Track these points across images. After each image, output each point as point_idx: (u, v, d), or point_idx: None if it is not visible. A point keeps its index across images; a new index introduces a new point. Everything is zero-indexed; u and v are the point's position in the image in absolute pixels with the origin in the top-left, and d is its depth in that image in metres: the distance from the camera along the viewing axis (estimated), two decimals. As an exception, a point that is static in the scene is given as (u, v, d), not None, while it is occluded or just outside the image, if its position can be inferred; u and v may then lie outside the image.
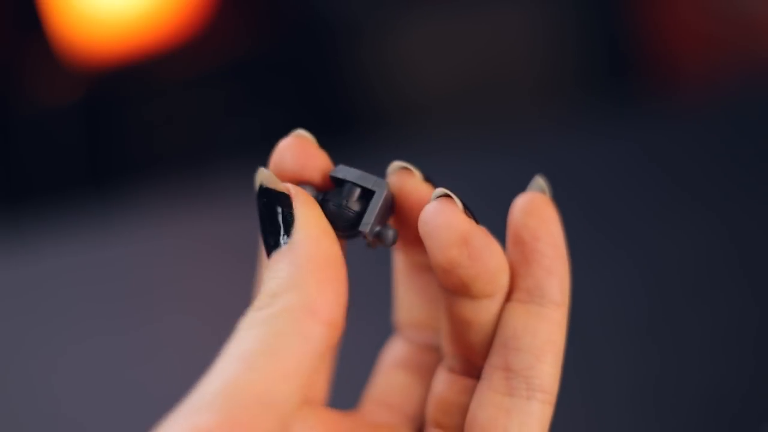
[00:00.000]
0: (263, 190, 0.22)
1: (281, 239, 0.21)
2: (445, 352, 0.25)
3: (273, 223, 0.22)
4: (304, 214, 0.22)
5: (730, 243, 0.54)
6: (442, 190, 0.23)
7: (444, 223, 0.22)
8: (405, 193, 0.24)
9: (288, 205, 0.22)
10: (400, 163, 0.24)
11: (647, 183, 0.59)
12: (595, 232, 0.56)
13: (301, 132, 0.24)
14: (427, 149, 0.66)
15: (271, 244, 0.22)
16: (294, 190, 0.22)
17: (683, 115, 0.68)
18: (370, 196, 0.23)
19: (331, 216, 0.23)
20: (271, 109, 1.03)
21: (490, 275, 0.23)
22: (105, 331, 0.54)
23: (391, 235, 0.23)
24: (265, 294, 0.21)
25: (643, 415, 0.47)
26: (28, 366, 0.53)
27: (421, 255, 0.25)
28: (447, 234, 0.22)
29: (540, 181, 0.24)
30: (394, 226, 0.24)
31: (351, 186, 0.23)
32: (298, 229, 0.21)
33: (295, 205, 0.22)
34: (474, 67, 1.06)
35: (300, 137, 0.24)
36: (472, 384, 0.24)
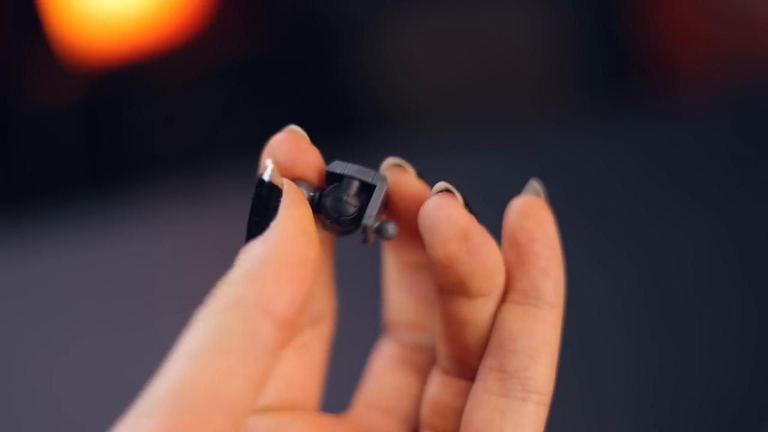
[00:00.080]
0: (261, 180, 0.22)
1: (261, 230, 0.21)
2: (440, 353, 0.25)
3: (258, 214, 0.22)
4: (289, 211, 0.21)
5: (730, 243, 0.54)
6: (443, 184, 0.23)
7: (444, 217, 0.22)
8: (398, 189, 0.24)
9: (276, 199, 0.22)
10: (393, 159, 0.24)
11: (647, 183, 0.59)
12: (595, 232, 0.56)
13: (294, 128, 0.24)
14: (427, 149, 0.66)
15: (250, 233, 0.22)
16: (287, 186, 0.22)
17: (683, 115, 0.68)
18: (369, 190, 0.23)
19: (332, 211, 0.23)
20: (271, 109, 1.03)
21: (487, 272, 0.23)
22: (105, 331, 0.54)
23: (392, 228, 0.23)
24: (224, 281, 0.21)
25: (643, 415, 0.47)
26: (29, 366, 0.53)
27: (413, 253, 0.25)
28: (447, 228, 0.22)
29: (535, 184, 0.24)
30: None
31: (349, 180, 0.23)
32: (276, 224, 0.21)
33: (283, 201, 0.21)
34: (474, 67, 1.06)
35: (292, 133, 0.23)
36: (467, 386, 0.24)
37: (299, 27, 1.07)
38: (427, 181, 0.24)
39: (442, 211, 0.22)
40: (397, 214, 0.24)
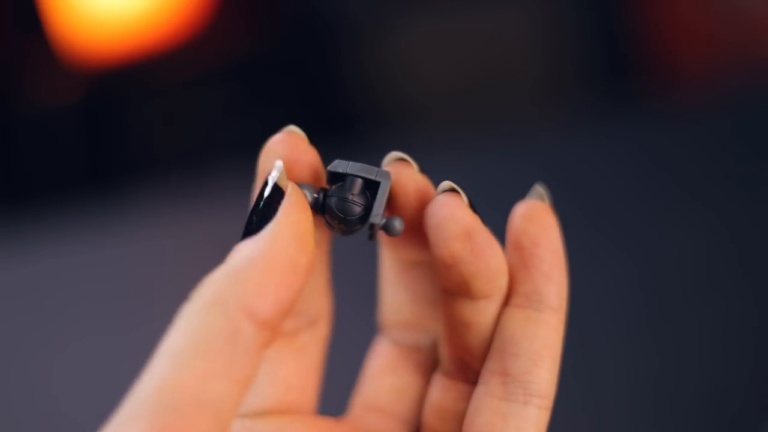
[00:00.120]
0: (267, 180, 0.22)
1: (256, 230, 0.21)
2: (442, 355, 0.25)
3: (258, 213, 0.21)
4: (287, 214, 0.21)
5: (730, 243, 0.54)
6: (449, 184, 0.23)
7: (449, 216, 0.22)
8: (401, 185, 0.23)
9: (278, 201, 0.21)
10: (397, 153, 0.24)
11: (647, 183, 0.59)
12: (595, 232, 0.56)
13: (292, 128, 0.24)
14: (427, 149, 0.66)
15: (246, 232, 0.21)
16: (290, 190, 0.22)
17: (683, 115, 0.68)
18: (372, 187, 0.23)
19: (338, 211, 0.23)
20: (271, 109, 1.03)
21: (490, 273, 0.23)
22: (105, 330, 0.54)
23: (398, 224, 0.23)
24: (209, 277, 0.20)
25: (643, 416, 0.47)
26: (28, 366, 0.53)
27: (412, 250, 0.25)
28: (451, 226, 0.22)
29: (540, 189, 0.24)
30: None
31: (353, 179, 0.23)
32: (272, 226, 0.21)
33: (283, 204, 0.21)
34: (474, 67, 1.06)
35: (290, 133, 0.23)
36: (469, 389, 0.24)
37: (299, 27, 1.07)
38: (433, 187, 0.24)
39: (447, 210, 0.22)
40: (397, 209, 0.24)
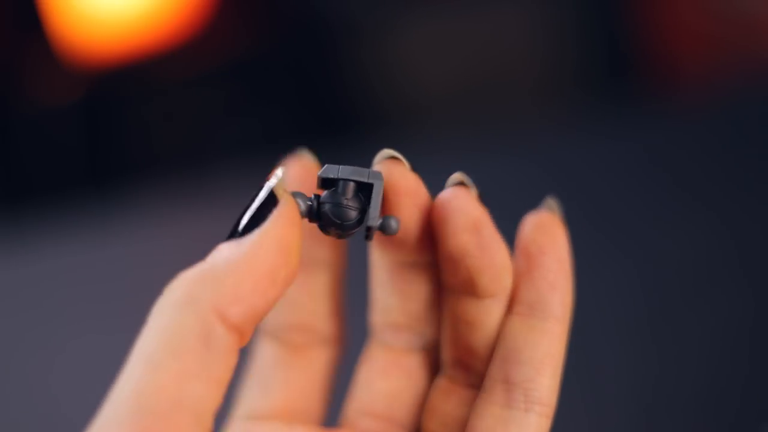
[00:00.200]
0: (264, 186, 0.22)
1: (242, 234, 0.21)
2: (444, 359, 0.25)
3: (247, 217, 0.21)
4: (276, 225, 0.21)
5: (730, 243, 0.54)
6: (459, 176, 0.23)
7: (458, 207, 0.23)
8: (392, 183, 0.23)
9: (269, 209, 0.21)
10: (388, 151, 0.24)
11: (647, 183, 0.59)
12: (595, 232, 0.56)
13: (305, 155, 0.24)
14: (427, 149, 0.66)
15: (232, 233, 0.21)
16: (284, 200, 0.21)
17: (683, 115, 0.68)
18: (365, 188, 0.23)
19: (334, 217, 0.22)
20: (271, 109, 1.03)
21: (496, 270, 0.23)
22: (105, 330, 0.54)
23: (395, 223, 0.23)
24: (186, 273, 0.20)
25: (643, 415, 0.47)
26: (28, 366, 0.53)
27: (403, 251, 0.25)
28: (460, 218, 0.22)
29: (551, 201, 0.25)
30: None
31: (345, 183, 0.23)
32: (258, 233, 0.21)
33: (274, 213, 0.21)
34: (474, 67, 1.06)
35: (304, 162, 0.24)
36: (471, 394, 0.24)
37: (299, 27, 1.07)
38: (426, 182, 0.24)
39: (457, 201, 0.23)
40: (389, 208, 0.24)
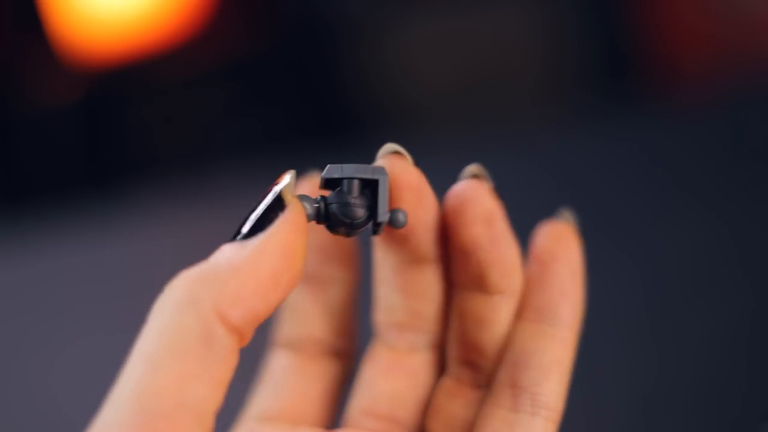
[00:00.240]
0: (273, 189, 0.22)
1: (247, 236, 0.21)
2: (450, 358, 0.25)
3: (253, 219, 0.21)
4: (282, 230, 0.21)
5: (730, 243, 0.54)
6: (475, 168, 0.23)
7: (473, 198, 0.23)
8: (394, 178, 0.23)
9: (276, 213, 0.21)
10: (392, 146, 0.24)
11: (647, 183, 0.59)
12: (595, 232, 0.55)
13: (314, 174, 0.24)
14: (427, 149, 0.65)
15: (236, 234, 0.21)
16: (292, 206, 0.21)
17: (683, 115, 0.68)
18: (370, 185, 0.23)
19: (343, 217, 0.22)
20: (271, 109, 1.03)
21: (506, 266, 0.23)
22: (105, 331, 0.54)
23: (402, 216, 0.23)
24: (188, 272, 0.20)
25: (643, 415, 0.47)
26: (28, 366, 0.53)
27: (406, 247, 0.25)
28: (475, 209, 0.23)
29: (567, 213, 0.25)
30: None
31: (350, 182, 0.22)
32: (263, 236, 0.21)
33: (281, 218, 0.21)
34: (474, 67, 1.06)
35: (314, 182, 0.24)
36: (477, 395, 0.24)
37: (299, 27, 1.07)
38: (426, 181, 0.24)
39: (472, 192, 0.23)
40: (391, 202, 0.24)
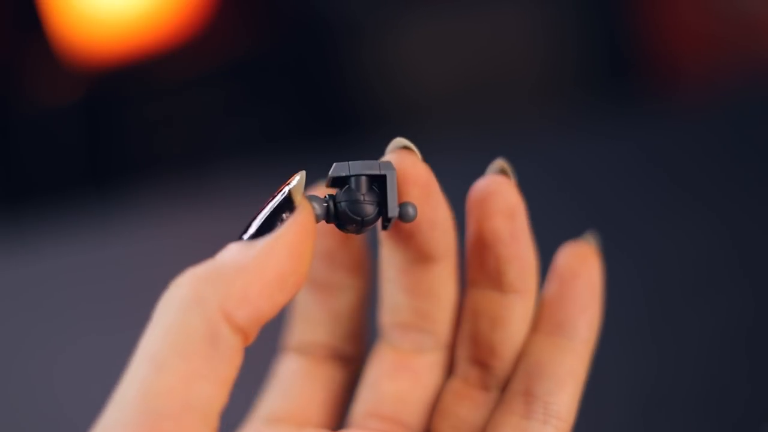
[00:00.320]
0: (282, 190, 0.22)
1: (255, 236, 0.21)
2: (459, 359, 0.25)
3: (261, 218, 0.21)
4: (291, 231, 0.21)
5: (730, 243, 0.54)
6: (501, 164, 0.24)
7: (497, 191, 0.23)
8: (402, 173, 0.23)
9: (285, 214, 0.21)
10: (401, 140, 0.24)
11: (647, 183, 0.59)
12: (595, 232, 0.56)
13: (320, 187, 0.25)
14: (427, 149, 0.65)
15: (245, 233, 0.21)
16: (302, 207, 0.21)
17: (683, 115, 0.68)
18: (377, 181, 0.23)
19: (353, 215, 0.22)
20: (271, 109, 1.03)
21: (523, 264, 0.23)
22: (105, 331, 0.54)
23: (412, 209, 0.23)
24: (193, 270, 0.20)
25: (643, 415, 0.47)
26: (28, 366, 0.53)
27: (413, 245, 0.24)
28: (498, 201, 0.23)
29: (590, 235, 0.25)
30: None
31: (358, 179, 0.22)
32: (271, 237, 0.20)
33: (290, 219, 0.21)
34: (474, 67, 1.06)
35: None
36: (485, 398, 0.24)
37: (299, 27, 1.07)
38: (435, 177, 0.24)
39: (497, 185, 0.23)
40: (399, 197, 0.23)
